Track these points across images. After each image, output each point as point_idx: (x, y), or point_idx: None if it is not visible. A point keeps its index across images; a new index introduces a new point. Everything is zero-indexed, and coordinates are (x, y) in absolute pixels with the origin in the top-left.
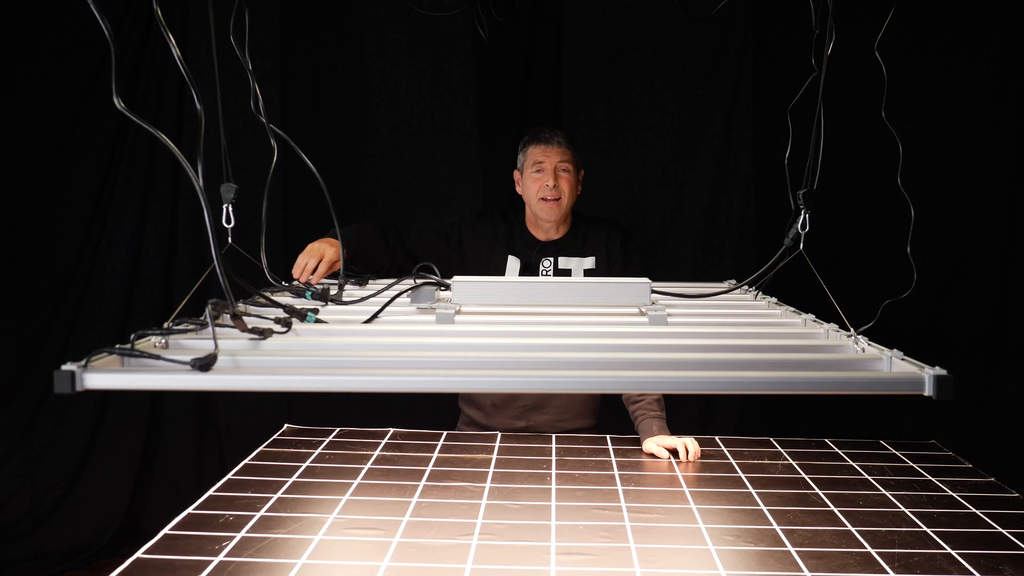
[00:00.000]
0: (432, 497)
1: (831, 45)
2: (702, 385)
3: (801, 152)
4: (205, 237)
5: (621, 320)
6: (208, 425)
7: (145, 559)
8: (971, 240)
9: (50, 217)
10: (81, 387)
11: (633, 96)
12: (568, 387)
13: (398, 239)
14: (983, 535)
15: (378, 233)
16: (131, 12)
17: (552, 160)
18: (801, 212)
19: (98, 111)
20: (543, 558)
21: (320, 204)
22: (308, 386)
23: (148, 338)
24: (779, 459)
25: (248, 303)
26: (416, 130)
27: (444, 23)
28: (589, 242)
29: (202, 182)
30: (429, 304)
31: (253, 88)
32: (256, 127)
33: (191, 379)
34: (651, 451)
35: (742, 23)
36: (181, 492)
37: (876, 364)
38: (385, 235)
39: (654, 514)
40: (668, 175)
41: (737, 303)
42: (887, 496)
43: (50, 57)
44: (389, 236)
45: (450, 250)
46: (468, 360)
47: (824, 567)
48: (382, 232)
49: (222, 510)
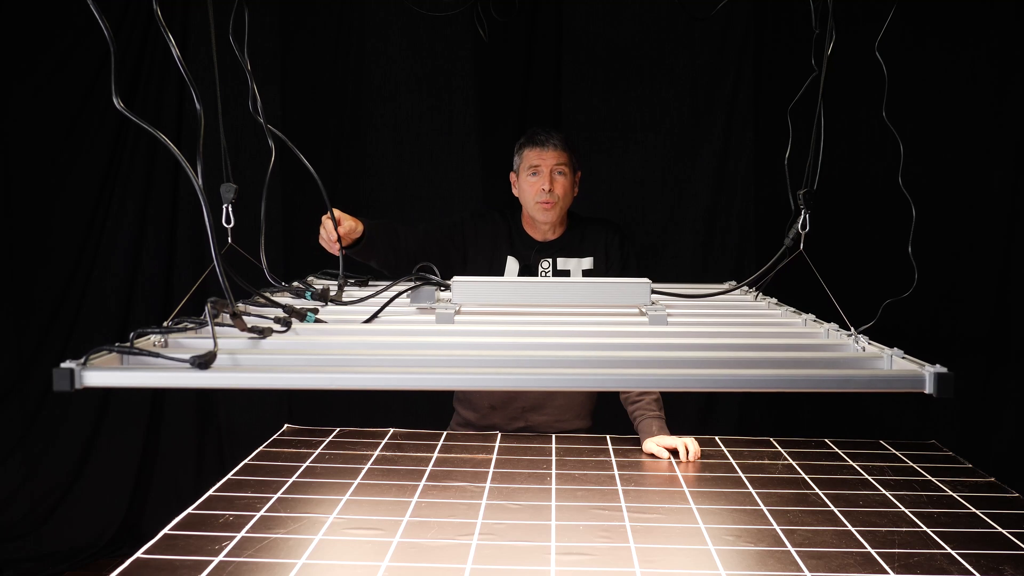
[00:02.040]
0: (432, 497)
1: (831, 45)
2: (702, 383)
3: (801, 152)
4: (205, 237)
5: (621, 320)
6: (208, 425)
7: (145, 559)
8: (972, 240)
9: (50, 217)
10: (80, 385)
11: (633, 96)
12: (568, 385)
13: (404, 238)
14: (983, 535)
15: (389, 228)
16: (131, 12)
17: (548, 163)
18: (801, 212)
19: (98, 111)
20: (543, 558)
21: (320, 204)
22: (308, 384)
23: (147, 337)
24: (779, 459)
25: (248, 303)
26: (416, 130)
27: (444, 23)
28: (587, 243)
29: (202, 182)
30: (429, 304)
31: (252, 89)
32: (256, 127)
33: (190, 377)
34: (651, 451)
35: (742, 23)
36: (181, 492)
37: (876, 363)
38: (396, 232)
39: (654, 514)
40: (668, 175)
41: (737, 303)
42: (887, 496)
43: (50, 57)
44: (399, 233)
45: (454, 250)
46: (468, 359)
47: (824, 567)
48: (393, 228)
49: (222, 510)
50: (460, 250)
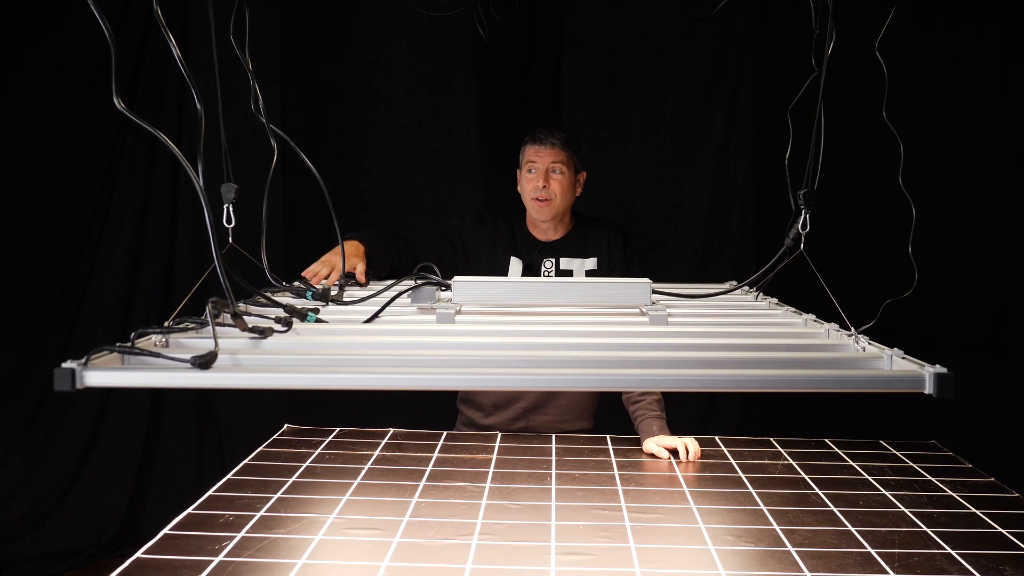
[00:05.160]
0: (432, 497)
1: (831, 45)
2: (703, 383)
3: (801, 152)
4: (205, 237)
5: (621, 320)
6: (208, 425)
7: (145, 559)
8: (972, 240)
9: (50, 217)
10: (81, 385)
11: (633, 96)
12: (568, 385)
13: (405, 244)
14: (983, 535)
15: (390, 238)
16: (131, 12)
17: (544, 160)
18: (802, 212)
19: (98, 111)
20: (543, 558)
21: (320, 204)
22: (308, 384)
23: (148, 336)
24: (779, 459)
25: (248, 303)
26: (416, 130)
27: (444, 23)
28: (590, 243)
29: (202, 182)
30: (429, 304)
31: (253, 88)
32: (256, 127)
33: (191, 377)
34: (651, 451)
35: (742, 23)
36: (181, 492)
37: (877, 363)
38: (396, 240)
39: (654, 514)
40: (668, 175)
41: (738, 303)
42: (887, 496)
43: (50, 57)
44: (399, 241)
45: (454, 254)
46: (468, 359)
47: (824, 567)
48: (393, 237)
49: (222, 510)
50: (460, 253)
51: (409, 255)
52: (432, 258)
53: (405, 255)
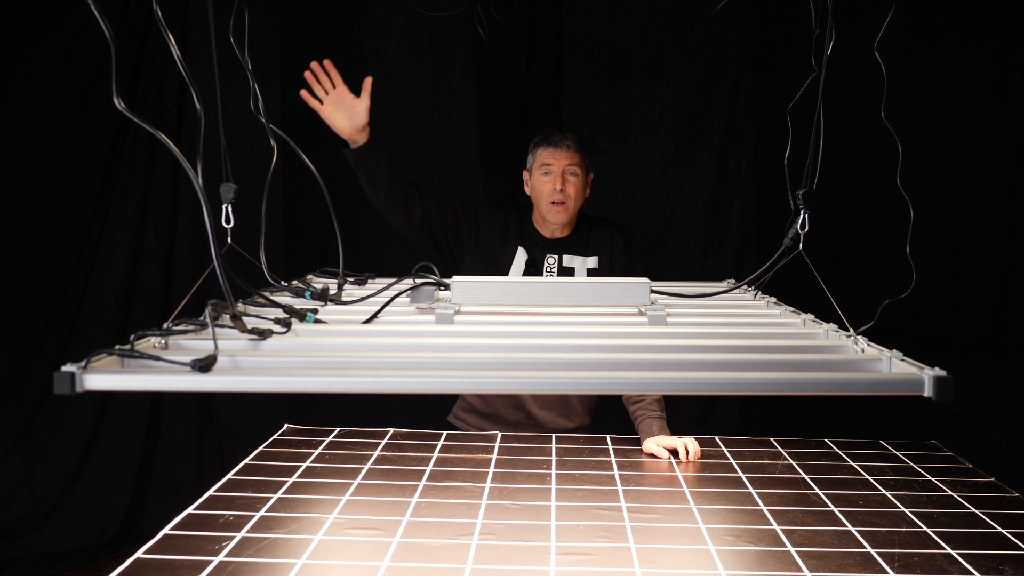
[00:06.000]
0: (432, 497)
1: (831, 45)
2: (702, 386)
3: (801, 152)
4: (205, 237)
5: (620, 320)
6: (208, 425)
7: (145, 559)
8: (971, 240)
9: (50, 217)
10: (81, 388)
11: (633, 96)
12: (568, 388)
13: (418, 193)
14: (983, 535)
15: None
16: (131, 12)
17: (560, 163)
18: (801, 212)
19: (98, 111)
20: (543, 558)
21: (320, 204)
22: (308, 387)
23: (148, 339)
24: (779, 459)
25: (248, 303)
26: (416, 130)
27: (444, 23)
28: (593, 242)
29: (202, 182)
30: (429, 304)
31: (253, 88)
32: (256, 127)
33: (191, 380)
34: (651, 451)
35: (742, 23)
36: (181, 492)
37: (876, 365)
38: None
39: (654, 514)
40: (668, 175)
41: (736, 303)
42: (887, 496)
43: (50, 57)
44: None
45: (469, 225)
46: (468, 360)
47: (824, 567)
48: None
49: (222, 510)
50: (473, 227)
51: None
52: (447, 223)
53: (411, 194)
